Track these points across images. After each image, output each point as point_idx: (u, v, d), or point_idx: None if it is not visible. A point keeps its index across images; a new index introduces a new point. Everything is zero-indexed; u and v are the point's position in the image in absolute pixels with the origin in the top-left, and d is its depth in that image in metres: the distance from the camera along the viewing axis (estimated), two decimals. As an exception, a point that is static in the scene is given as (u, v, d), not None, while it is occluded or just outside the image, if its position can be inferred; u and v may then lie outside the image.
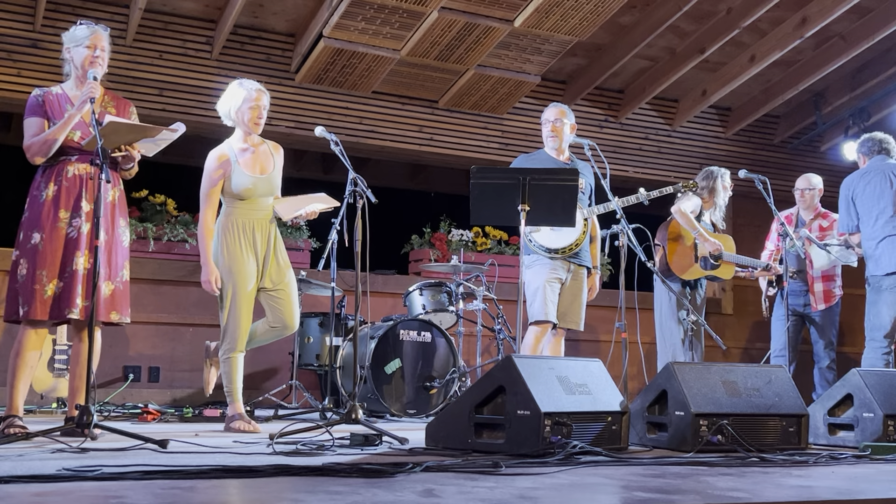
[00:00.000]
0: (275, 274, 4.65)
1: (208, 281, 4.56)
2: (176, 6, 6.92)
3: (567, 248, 5.27)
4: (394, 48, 7.01)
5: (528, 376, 3.55)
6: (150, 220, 7.05)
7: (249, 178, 4.59)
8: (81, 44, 4.13)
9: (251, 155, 4.66)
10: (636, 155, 8.59)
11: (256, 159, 4.67)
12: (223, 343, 4.64)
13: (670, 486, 2.72)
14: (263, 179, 4.64)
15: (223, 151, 4.63)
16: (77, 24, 4.23)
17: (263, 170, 4.67)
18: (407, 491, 2.45)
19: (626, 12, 7.19)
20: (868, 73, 8.45)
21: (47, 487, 2.38)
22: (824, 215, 6.77)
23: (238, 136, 4.71)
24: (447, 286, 6.44)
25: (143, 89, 6.90)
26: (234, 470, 2.75)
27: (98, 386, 6.45)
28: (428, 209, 8.38)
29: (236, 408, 4.62)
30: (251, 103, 4.63)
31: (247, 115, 4.64)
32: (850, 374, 4.44)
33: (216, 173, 4.59)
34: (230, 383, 4.63)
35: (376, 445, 3.75)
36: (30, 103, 4.09)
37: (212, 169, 4.60)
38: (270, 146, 4.78)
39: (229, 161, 4.61)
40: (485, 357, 7.14)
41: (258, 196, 4.63)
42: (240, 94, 4.65)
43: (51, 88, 4.15)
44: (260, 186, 4.62)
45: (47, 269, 3.94)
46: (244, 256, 4.56)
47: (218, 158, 4.61)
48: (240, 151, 4.65)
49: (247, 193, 4.59)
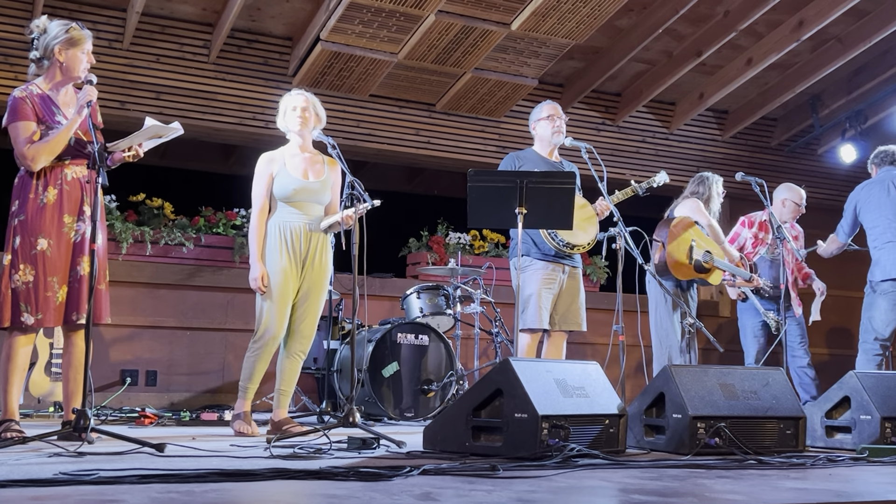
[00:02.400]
0: (308, 286, 4.67)
1: (256, 278, 4.60)
2: (173, 9, 6.92)
3: (587, 244, 5.25)
4: (391, 51, 7.01)
5: (526, 379, 3.55)
6: (148, 223, 7.04)
7: (294, 181, 4.66)
8: (78, 48, 4.07)
9: (300, 160, 4.75)
10: (633, 158, 8.59)
11: (305, 165, 4.74)
12: (255, 338, 4.66)
13: (668, 489, 2.71)
14: (309, 184, 4.69)
15: (273, 155, 4.75)
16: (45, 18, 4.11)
17: (311, 175, 4.73)
18: (404, 494, 2.44)
19: (623, 15, 7.20)
20: (865, 75, 8.47)
21: (44, 491, 2.37)
22: (793, 226, 6.77)
23: (293, 144, 4.80)
24: (444, 289, 6.44)
25: (141, 93, 6.90)
26: (231, 474, 2.74)
27: (95, 390, 6.44)
28: (425, 212, 8.38)
29: (243, 405, 4.64)
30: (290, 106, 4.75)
31: (289, 117, 4.75)
32: (847, 376, 4.44)
33: (265, 174, 4.69)
34: (247, 380, 4.65)
35: (374, 449, 3.75)
36: (18, 105, 3.97)
37: (260, 169, 4.72)
38: (327, 160, 4.83)
39: (277, 162, 4.71)
40: (482, 360, 7.14)
41: (302, 200, 4.67)
42: (283, 105, 4.78)
43: (30, 89, 4.05)
44: (304, 191, 4.66)
45: (58, 275, 3.94)
46: (281, 259, 4.60)
47: (268, 160, 4.72)
48: (290, 156, 4.75)
49: (293, 196, 4.65)
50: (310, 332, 4.75)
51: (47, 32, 4.08)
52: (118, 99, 6.82)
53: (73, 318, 3.95)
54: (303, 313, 4.69)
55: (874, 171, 6.42)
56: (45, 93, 4.08)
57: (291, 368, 4.73)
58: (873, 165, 6.44)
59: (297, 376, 4.78)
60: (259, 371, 4.66)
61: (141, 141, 4.13)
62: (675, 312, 5.94)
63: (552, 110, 5.39)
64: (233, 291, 7.14)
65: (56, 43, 4.06)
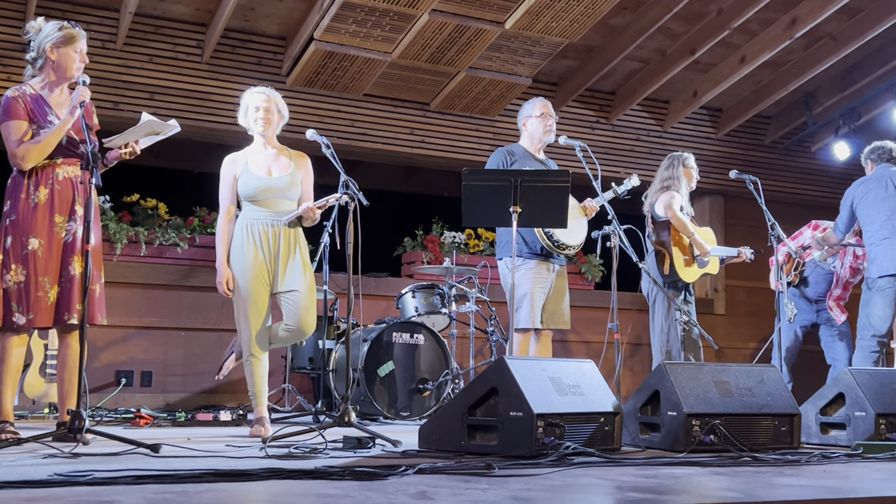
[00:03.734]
0: (290, 276, 4.62)
1: (220, 282, 4.59)
2: (166, 10, 6.91)
3: (578, 245, 5.26)
4: (385, 51, 7.01)
5: (521, 378, 3.55)
6: (142, 224, 7.03)
7: (257, 179, 4.63)
8: (70, 47, 4.07)
9: (263, 157, 4.72)
10: (627, 156, 8.60)
11: (268, 162, 4.71)
12: (242, 348, 4.65)
13: (663, 487, 2.72)
14: (272, 181, 4.65)
15: (236, 156, 4.74)
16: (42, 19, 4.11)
17: (273, 172, 4.68)
18: (400, 493, 2.44)
19: (617, 14, 7.21)
20: (858, 73, 8.48)
21: (39, 493, 2.37)
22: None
23: (257, 143, 4.77)
24: (440, 288, 6.44)
25: (134, 93, 6.88)
26: (226, 474, 2.74)
27: (90, 391, 6.43)
28: (420, 211, 8.38)
29: (258, 411, 4.62)
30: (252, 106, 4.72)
31: (250, 117, 4.73)
32: (841, 373, 4.46)
33: (229, 174, 4.68)
34: (251, 386, 4.64)
35: (369, 448, 3.75)
36: (10, 105, 3.98)
37: (224, 171, 4.71)
38: (293, 154, 4.79)
39: (239, 162, 4.69)
40: (477, 359, 7.14)
41: (268, 198, 4.63)
42: (246, 102, 4.75)
43: (24, 89, 4.05)
44: (268, 189, 4.63)
45: (49, 275, 3.93)
46: (250, 259, 4.56)
47: (231, 161, 4.71)
48: (253, 154, 4.72)
49: (255, 195, 4.62)
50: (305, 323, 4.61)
51: (41, 32, 4.08)
52: (111, 99, 6.81)
53: (65, 319, 3.94)
54: (291, 303, 4.59)
55: (870, 166, 6.42)
56: (37, 93, 4.07)
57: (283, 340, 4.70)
58: (869, 161, 6.44)
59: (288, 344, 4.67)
60: (261, 373, 4.62)
61: (137, 137, 4.13)
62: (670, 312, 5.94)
63: (544, 108, 5.40)
64: (228, 292, 7.13)
65: (48, 41, 4.06)
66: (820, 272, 6.75)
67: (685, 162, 6.19)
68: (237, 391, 6.83)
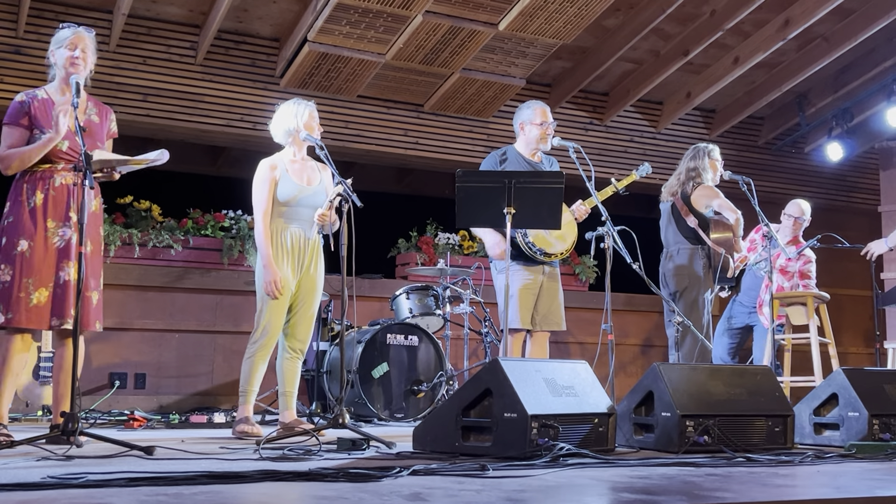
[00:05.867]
0: (303, 292, 4.73)
1: (270, 282, 4.59)
2: (160, 11, 6.90)
3: (565, 251, 5.26)
4: (378, 52, 7.01)
5: (515, 379, 3.56)
6: (135, 226, 7.01)
7: (296, 187, 4.71)
8: (62, 45, 4.09)
9: (299, 166, 4.81)
10: (621, 157, 8.60)
11: (304, 171, 4.81)
12: (250, 342, 4.69)
13: (657, 487, 2.72)
14: (309, 190, 4.75)
15: (274, 161, 4.78)
16: (59, 26, 4.18)
17: (310, 181, 4.79)
18: (394, 495, 2.44)
19: (611, 15, 7.22)
20: (851, 74, 8.51)
21: (32, 495, 2.36)
22: (798, 244, 6.61)
23: (289, 151, 4.83)
24: (434, 290, 6.44)
25: (127, 95, 6.87)
26: (220, 476, 2.74)
27: (84, 393, 6.41)
28: (414, 213, 8.37)
29: (245, 410, 4.66)
30: (314, 116, 4.83)
31: (313, 126, 4.80)
32: (835, 373, 4.46)
33: (269, 179, 4.71)
34: (246, 384, 4.68)
35: (363, 450, 3.75)
36: (13, 109, 4.02)
37: (262, 176, 4.73)
38: (318, 166, 4.90)
39: (279, 168, 4.74)
40: (472, 360, 7.14)
41: (301, 206, 4.72)
42: (304, 109, 4.81)
43: (36, 93, 4.08)
44: (305, 196, 4.72)
45: (34, 277, 3.92)
46: (282, 264, 4.65)
47: (270, 167, 4.75)
48: (289, 162, 4.80)
49: (292, 202, 4.70)
50: (306, 333, 4.81)
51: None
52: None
53: (56, 324, 3.92)
54: (301, 316, 4.76)
55: None
56: (50, 97, 4.10)
57: (291, 369, 4.77)
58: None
59: (298, 376, 4.81)
60: (259, 372, 4.70)
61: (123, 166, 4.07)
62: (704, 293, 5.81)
63: (544, 117, 5.36)
64: (221, 293, 7.13)
65: (51, 45, 4.13)
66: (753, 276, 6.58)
67: (710, 153, 6.06)
68: (231, 393, 6.81)
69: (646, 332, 8.68)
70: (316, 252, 4.78)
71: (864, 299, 8.95)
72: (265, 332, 4.65)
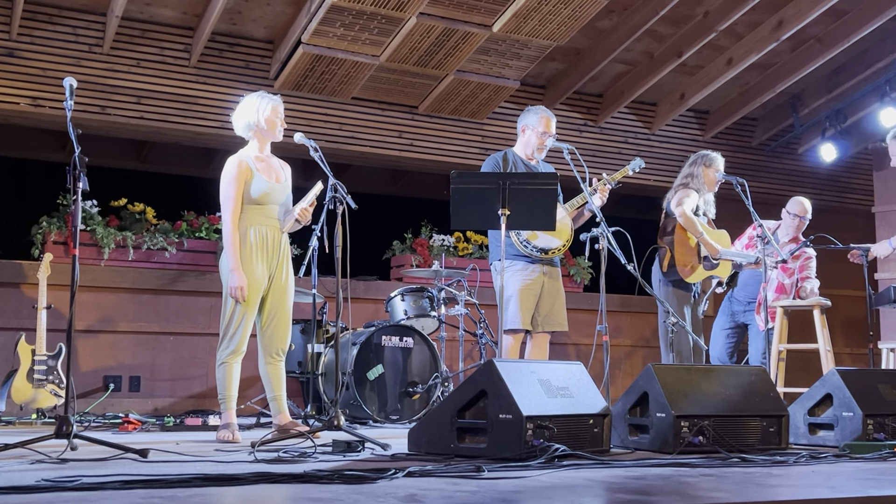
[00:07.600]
0: (276, 291, 4.65)
1: (236, 288, 4.49)
2: (153, 14, 6.89)
3: (560, 247, 5.26)
4: (373, 54, 7.01)
5: (510, 380, 3.56)
6: (130, 228, 6.99)
7: (267, 184, 4.64)
8: None
9: (265, 164, 4.74)
10: (615, 159, 8.61)
11: (271, 168, 4.74)
12: (221, 348, 4.59)
13: (652, 488, 2.72)
14: (279, 186, 4.69)
15: (242, 158, 4.67)
16: None
17: (278, 178, 4.73)
18: (389, 497, 2.44)
19: (604, 17, 7.23)
20: (844, 75, 8.52)
21: (26, 499, 2.36)
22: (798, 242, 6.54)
23: (254, 147, 4.75)
24: (429, 291, 6.44)
25: (121, 97, 6.86)
26: (214, 478, 2.73)
27: (78, 396, 6.41)
28: (409, 214, 8.37)
29: (228, 416, 4.59)
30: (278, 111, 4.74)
31: (276, 122, 4.72)
32: (829, 373, 4.47)
33: (239, 178, 4.59)
34: (224, 389, 4.59)
35: (359, 452, 3.74)
36: None
37: (234, 174, 4.60)
38: (280, 161, 4.85)
39: (249, 167, 4.65)
40: (467, 362, 7.13)
41: (272, 203, 4.66)
42: (267, 103, 4.72)
43: None
44: (275, 193, 4.65)
45: None
46: (255, 263, 4.56)
47: (238, 164, 4.63)
48: (255, 160, 4.70)
49: (264, 199, 4.62)
50: (284, 339, 4.71)
51: None
52: (98, 104, 6.79)
53: None
54: (276, 324, 4.66)
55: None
56: None
57: (275, 373, 4.71)
58: None
59: (283, 377, 4.76)
60: (235, 376, 4.60)
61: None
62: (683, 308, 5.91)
63: (547, 128, 5.37)
64: (216, 296, 7.08)
65: None
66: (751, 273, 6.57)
67: (707, 161, 6.11)
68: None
69: (640, 333, 8.69)
70: (285, 256, 4.69)
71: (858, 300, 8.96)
72: (236, 335, 4.54)
